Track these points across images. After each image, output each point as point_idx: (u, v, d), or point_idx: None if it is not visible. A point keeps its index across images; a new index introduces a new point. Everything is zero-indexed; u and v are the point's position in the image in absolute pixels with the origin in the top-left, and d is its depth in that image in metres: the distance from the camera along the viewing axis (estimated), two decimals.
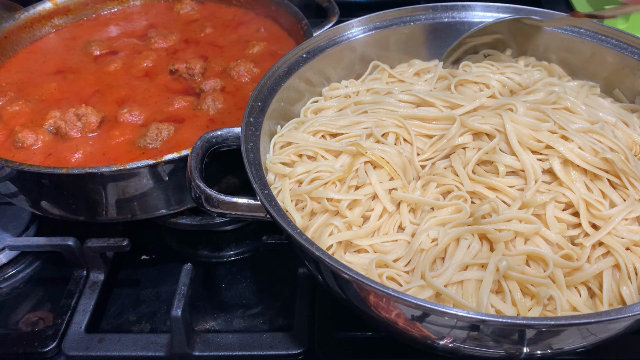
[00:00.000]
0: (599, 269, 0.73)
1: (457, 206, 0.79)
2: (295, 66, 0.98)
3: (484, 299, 0.69)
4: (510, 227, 0.74)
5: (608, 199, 0.79)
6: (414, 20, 1.08)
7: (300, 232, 0.71)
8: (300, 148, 0.88)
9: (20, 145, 1.03)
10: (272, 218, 0.73)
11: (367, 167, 0.84)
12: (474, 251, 0.75)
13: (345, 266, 0.66)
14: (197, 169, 0.81)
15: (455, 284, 0.72)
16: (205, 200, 0.78)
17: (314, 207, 0.81)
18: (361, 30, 1.06)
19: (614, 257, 0.74)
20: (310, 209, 0.81)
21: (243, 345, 0.90)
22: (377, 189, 0.81)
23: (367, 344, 0.91)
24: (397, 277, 0.75)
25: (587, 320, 0.62)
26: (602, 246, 0.75)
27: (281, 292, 1.00)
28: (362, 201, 0.80)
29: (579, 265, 0.73)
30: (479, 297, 0.70)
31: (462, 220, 0.77)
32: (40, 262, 1.08)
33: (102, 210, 0.97)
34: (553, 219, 0.76)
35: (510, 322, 0.62)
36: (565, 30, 1.03)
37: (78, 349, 0.91)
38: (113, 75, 1.22)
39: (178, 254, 1.10)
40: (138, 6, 1.46)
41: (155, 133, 1.02)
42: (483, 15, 1.07)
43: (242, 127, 0.84)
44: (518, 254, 0.73)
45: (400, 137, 0.89)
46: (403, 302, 0.63)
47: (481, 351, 0.71)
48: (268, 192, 0.76)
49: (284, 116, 0.96)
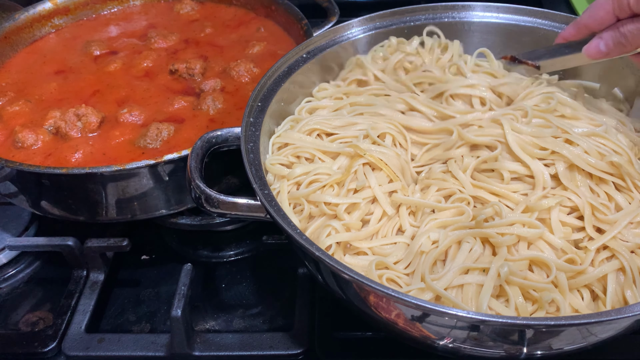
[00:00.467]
0: (603, 272, 0.72)
1: (459, 209, 0.78)
2: (295, 66, 0.98)
3: (483, 304, 0.68)
4: (513, 231, 0.73)
5: (613, 201, 0.79)
6: (414, 20, 1.08)
7: (300, 232, 0.71)
8: (298, 150, 0.88)
9: (20, 145, 1.03)
10: (272, 218, 0.73)
11: (365, 169, 0.83)
12: (476, 255, 0.74)
13: (345, 266, 0.66)
14: (197, 169, 0.81)
15: (455, 288, 0.72)
16: (205, 201, 0.78)
17: (312, 210, 0.81)
18: (361, 30, 1.06)
19: (618, 260, 0.73)
20: (308, 212, 0.80)
21: (243, 345, 0.90)
22: (376, 192, 0.81)
23: (367, 344, 0.91)
24: (397, 279, 0.75)
25: (587, 321, 0.62)
26: (607, 249, 0.75)
27: (281, 292, 1.00)
28: (361, 205, 0.80)
29: (582, 269, 0.73)
30: (479, 302, 0.69)
31: (464, 223, 0.77)
32: (40, 262, 1.08)
33: (102, 210, 0.97)
34: (558, 223, 0.75)
35: (510, 322, 0.62)
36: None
37: (78, 349, 0.91)
38: (113, 75, 1.22)
39: (178, 254, 1.10)
40: (138, 6, 1.46)
41: (155, 133, 1.02)
42: (483, 15, 1.07)
43: (242, 127, 0.84)
44: (521, 259, 0.72)
45: (397, 141, 0.89)
46: (402, 302, 0.63)
47: (481, 351, 0.71)
48: (268, 192, 0.76)
49: (283, 116, 0.96)
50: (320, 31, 1.17)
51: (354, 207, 0.80)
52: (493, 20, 1.07)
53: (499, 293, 0.72)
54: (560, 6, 1.63)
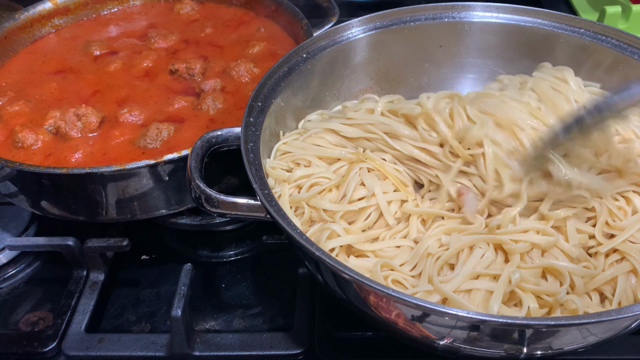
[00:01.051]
0: (613, 274, 0.72)
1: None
2: (295, 66, 0.98)
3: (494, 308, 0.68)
4: (527, 239, 0.73)
5: (632, 204, 0.79)
6: (414, 20, 1.08)
7: (300, 232, 0.70)
8: (296, 157, 0.88)
9: (20, 145, 1.03)
10: (272, 218, 0.73)
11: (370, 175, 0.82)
12: (488, 261, 0.74)
13: (345, 266, 0.66)
14: (197, 169, 0.80)
15: (463, 292, 0.71)
16: (205, 201, 0.78)
17: (312, 214, 0.81)
18: (361, 30, 1.06)
19: (629, 262, 0.73)
20: (309, 216, 0.80)
21: (243, 345, 0.90)
22: (380, 202, 0.80)
23: (367, 344, 0.91)
24: (404, 280, 0.74)
25: (587, 321, 0.62)
26: (617, 252, 0.75)
27: (281, 292, 1.00)
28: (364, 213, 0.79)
29: (595, 274, 0.73)
30: (489, 306, 0.69)
31: (476, 229, 0.76)
32: (40, 262, 1.08)
33: (102, 210, 0.97)
34: (574, 230, 0.75)
35: (511, 322, 0.62)
36: (565, 30, 1.03)
37: (78, 349, 0.91)
38: (113, 75, 1.22)
39: (178, 254, 1.10)
40: (138, 6, 1.46)
41: (155, 133, 1.02)
42: (483, 15, 1.07)
43: (242, 127, 0.84)
44: (534, 267, 0.72)
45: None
46: (403, 302, 0.63)
47: (482, 351, 0.71)
48: (268, 192, 0.75)
49: (284, 116, 0.96)
50: (320, 31, 1.17)
51: (355, 214, 0.80)
52: (493, 20, 1.07)
53: (509, 298, 0.72)
54: (560, 6, 1.63)
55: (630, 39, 0.98)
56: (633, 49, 0.97)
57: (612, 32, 0.99)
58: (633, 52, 0.97)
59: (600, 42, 1.00)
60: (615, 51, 0.98)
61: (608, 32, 1.00)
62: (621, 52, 0.98)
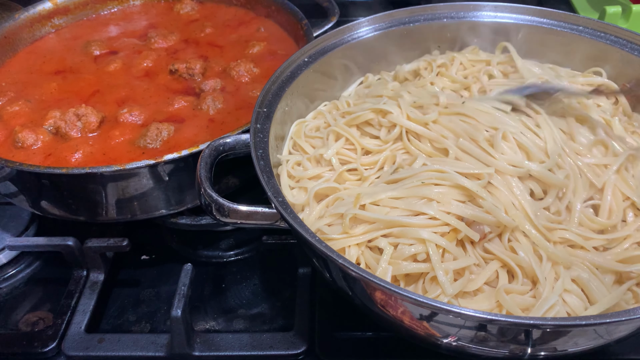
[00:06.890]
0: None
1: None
2: (298, 70, 0.98)
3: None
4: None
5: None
6: (414, 20, 1.08)
7: (319, 239, 0.70)
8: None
9: (20, 145, 1.03)
10: (289, 226, 0.73)
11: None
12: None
13: (374, 276, 0.65)
14: (207, 178, 0.80)
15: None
16: (215, 210, 0.78)
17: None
18: (365, 31, 1.06)
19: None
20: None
21: (243, 345, 0.90)
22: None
23: (367, 344, 0.91)
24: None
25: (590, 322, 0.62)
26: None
27: (281, 292, 1.00)
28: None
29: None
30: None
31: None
32: (40, 262, 1.08)
33: (102, 210, 0.97)
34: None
35: (518, 322, 0.62)
36: (564, 29, 1.03)
37: (78, 349, 0.91)
38: (113, 75, 1.22)
39: (178, 254, 1.10)
40: (138, 6, 1.46)
41: (155, 133, 1.02)
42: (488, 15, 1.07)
43: (250, 134, 0.84)
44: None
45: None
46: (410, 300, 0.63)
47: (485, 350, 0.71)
48: (282, 200, 0.75)
49: (290, 120, 0.97)
50: (320, 31, 1.17)
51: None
52: (493, 19, 1.07)
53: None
54: (560, 5, 1.63)
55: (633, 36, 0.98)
56: (633, 45, 0.98)
57: (613, 30, 1.00)
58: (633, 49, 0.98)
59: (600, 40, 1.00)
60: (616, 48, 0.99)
61: (608, 29, 1.00)
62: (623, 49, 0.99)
